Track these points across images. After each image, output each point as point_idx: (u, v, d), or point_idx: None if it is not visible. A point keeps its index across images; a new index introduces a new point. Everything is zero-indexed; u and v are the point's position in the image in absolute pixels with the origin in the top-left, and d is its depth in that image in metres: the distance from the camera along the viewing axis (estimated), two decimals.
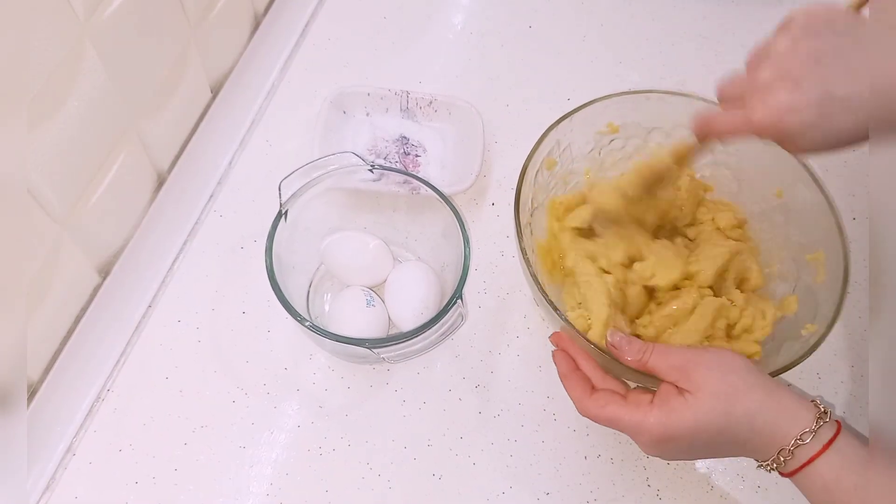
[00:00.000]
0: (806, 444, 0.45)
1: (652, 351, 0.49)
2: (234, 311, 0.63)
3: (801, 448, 0.45)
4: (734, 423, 0.45)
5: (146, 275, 0.64)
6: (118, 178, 0.59)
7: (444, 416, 0.60)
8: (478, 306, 0.65)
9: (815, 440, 0.45)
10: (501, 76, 0.79)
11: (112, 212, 0.60)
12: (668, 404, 0.47)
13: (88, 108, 0.52)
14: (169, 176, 0.67)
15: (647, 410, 0.47)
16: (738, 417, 0.45)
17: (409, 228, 0.65)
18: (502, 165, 0.72)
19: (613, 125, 0.64)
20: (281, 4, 0.79)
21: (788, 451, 0.45)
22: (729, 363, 0.47)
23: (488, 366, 0.62)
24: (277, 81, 0.76)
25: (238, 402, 0.59)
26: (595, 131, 0.64)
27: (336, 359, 0.61)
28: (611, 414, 0.49)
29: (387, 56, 0.79)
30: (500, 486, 0.57)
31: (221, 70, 0.73)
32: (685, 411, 0.46)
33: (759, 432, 0.46)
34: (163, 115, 0.64)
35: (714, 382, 0.46)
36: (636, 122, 0.64)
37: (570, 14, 0.84)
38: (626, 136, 0.65)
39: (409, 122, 0.73)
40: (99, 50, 0.51)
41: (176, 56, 0.63)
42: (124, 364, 0.60)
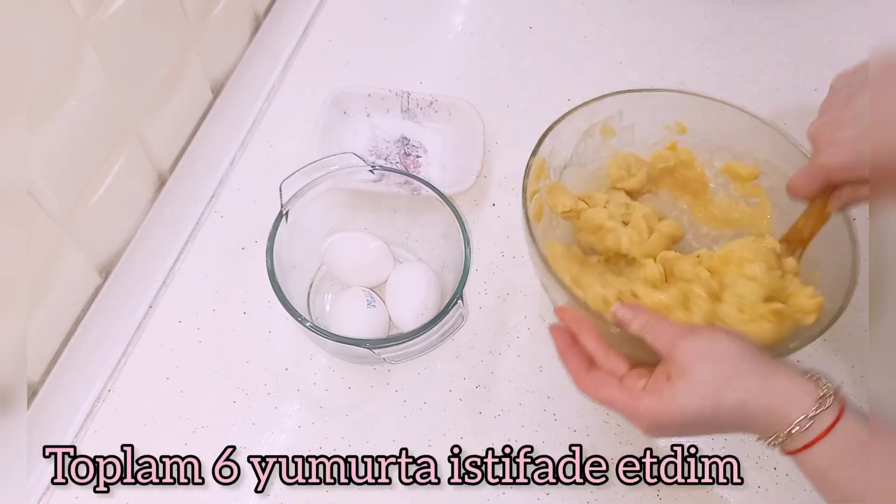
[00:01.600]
0: (805, 430, 0.44)
1: (652, 326, 0.49)
2: (234, 311, 0.63)
3: (800, 433, 0.44)
4: (724, 411, 0.45)
5: (147, 275, 0.64)
6: (119, 178, 0.59)
7: (444, 417, 0.60)
8: (478, 307, 0.65)
9: (815, 425, 0.44)
10: (502, 77, 0.79)
11: (113, 212, 0.60)
12: (659, 392, 0.47)
13: (88, 109, 0.52)
14: (170, 176, 0.67)
15: (639, 396, 0.47)
16: (727, 406, 0.45)
17: (409, 229, 0.65)
18: (503, 166, 0.72)
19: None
20: (281, 5, 0.79)
21: (786, 434, 0.45)
22: (722, 350, 0.47)
23: (488, 366, 0.62)
24: (278, 82, 0.76)
25: (239, 402, 0.59)
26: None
27: (337, 359, 0.61)
28: (605, 396, 0.49)
29: (387, 56, 0.79)
30: (500, 486, 0.57)
31: (222, 70, 0.73)
32: (674, 399, 0.46)
33: (753, 418, 0.45)
34: (164, 116, 0.64)
35: (702, 371, 0.46)
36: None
37: (570, 14, 0.84)
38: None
39: (409, 123, 0.73)
40: (99, 50, 0.52)
41: (176, 56, 0.63)
42: (125, 365, 0.60)
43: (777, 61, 0.82)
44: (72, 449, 0.55)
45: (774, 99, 0.78)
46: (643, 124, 0.65)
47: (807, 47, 0.83)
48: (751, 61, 0.81)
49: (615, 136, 0.65)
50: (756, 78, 0.80)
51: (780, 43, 0.83)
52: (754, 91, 0.79)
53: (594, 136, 0.64)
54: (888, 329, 0.41)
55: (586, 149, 0.64)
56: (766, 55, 0.82)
